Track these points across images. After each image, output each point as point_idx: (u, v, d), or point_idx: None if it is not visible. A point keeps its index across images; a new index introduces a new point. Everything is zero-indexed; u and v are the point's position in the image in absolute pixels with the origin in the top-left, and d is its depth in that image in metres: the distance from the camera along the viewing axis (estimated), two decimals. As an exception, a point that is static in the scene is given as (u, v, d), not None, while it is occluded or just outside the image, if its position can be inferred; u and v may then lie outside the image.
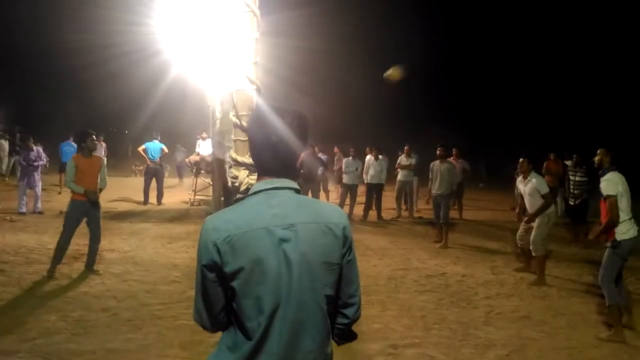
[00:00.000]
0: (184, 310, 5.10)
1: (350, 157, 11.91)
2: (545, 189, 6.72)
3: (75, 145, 13.58)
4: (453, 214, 12.08)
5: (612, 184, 4.86)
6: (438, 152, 9.39)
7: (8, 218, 9.84)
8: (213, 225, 1.53)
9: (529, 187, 6.79)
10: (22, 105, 26.70)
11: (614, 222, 4.79)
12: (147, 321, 4.84)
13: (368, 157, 12.07)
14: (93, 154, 6.64)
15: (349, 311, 1.69)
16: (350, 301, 1.67)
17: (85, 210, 6.42)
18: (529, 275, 6.96)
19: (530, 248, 6.85)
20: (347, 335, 1.76)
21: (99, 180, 6.52)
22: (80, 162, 6.37)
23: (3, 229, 8.96)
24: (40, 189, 10.90)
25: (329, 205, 1.70)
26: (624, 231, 4.78)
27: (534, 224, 6.80)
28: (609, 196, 4.85)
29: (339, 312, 1.68)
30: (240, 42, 2.97)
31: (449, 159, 9.76)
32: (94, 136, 6.55)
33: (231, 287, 1.51)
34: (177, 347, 4.32)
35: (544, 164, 12.05)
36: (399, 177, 12.29)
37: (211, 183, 12.29)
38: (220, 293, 1.55)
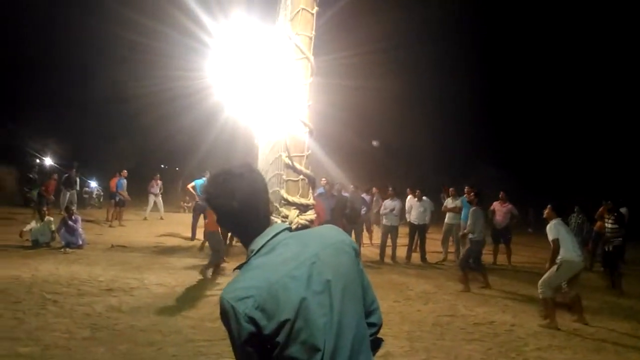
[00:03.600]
0: (228, 347, 5.07)
1: (389, 198, 11.81)
2: (551, 236, 6.89)
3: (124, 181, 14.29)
4: (501, 259, 11.79)
5: None
6: (469, 196, 9.37)
7: (62, 250, 10.23)
8: (234, 297, 1.46)
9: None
10: (82, 143, 28.22)
11: None
12: (192, 357, 4.89)
13: (409, 197, 11.99)
14: None
15: (374, 318, 1.70)
16: (372, 307, 1.69)
17: None
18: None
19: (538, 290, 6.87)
20: (376, 344, 1.74)
21: None
22: None
23: (57, 260, 9.33)
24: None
25: (325, 228, 1.72)
26: None
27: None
28: None
29: (368, 320, 1.68)
30: (293, 87, 3.08)
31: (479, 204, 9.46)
32: None
33: (275, 343, 1.45)
34: (220, 385, 4.33)
35: (599, 210, 11.67)
36: (446, 219, 12.11)
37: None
38: (266, 356, 1.49)
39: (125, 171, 16.25)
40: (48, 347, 4.94)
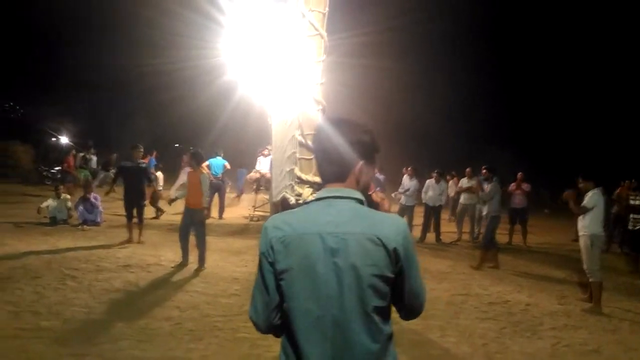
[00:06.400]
0: (243, 323, 5.18)
1: (407, 177, 11.74)
2: (591, 204, 6.49)
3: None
4: (517, 239, 11.74)
5: None
6: (483, 173, 9.25)
7: (80, 227, 10.38)
8: (273, 224, 1.64)
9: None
10: (97, 122, 28.48)
11: None
12: (208, 332, 4.96)
13: (430, 180, 11.92)
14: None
15: (404, 315, 1.75)
16: (410, 310, 1.74)
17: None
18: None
19: (587, 274, 6.65)
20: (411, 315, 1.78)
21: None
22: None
23: (75, 237, 9.47)
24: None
25: (389, 218, 1.65)
26: None
27: (581, 248, 6.58)
28: None
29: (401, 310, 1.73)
30: (307, 64, 3.05)
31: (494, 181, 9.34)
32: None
33: (281, 286, 1.58)
34: (236, 359, 4.39)
35: (617, 190, 11.55)
36: (460, 200, 12.07)
37: (269, 199, 12.50)
38: (276, 288, 1.61)
39: (155, 152, 16.39)
40: (68, 321, 5.04)
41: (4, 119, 28.65)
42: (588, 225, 6.53)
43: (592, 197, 6.52)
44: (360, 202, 1.65)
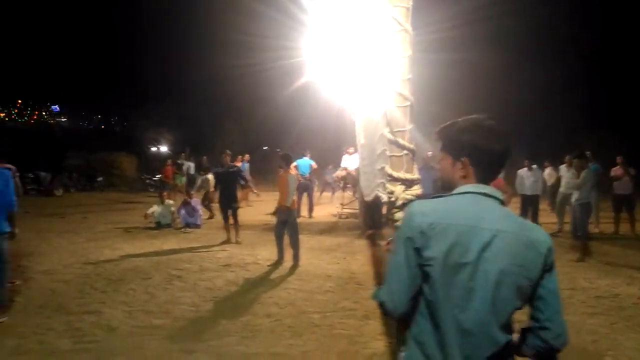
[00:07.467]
0: (339, 320, 5.28)
1: None
2: None
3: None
4: (623, 228, 10.94)
5: None
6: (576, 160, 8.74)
7: (183, 230, 11.05)
8: (420, 210, 1.63)
9: None
10: (190, 129, 30.05)
11: None
12: (306, 328, 5.10)
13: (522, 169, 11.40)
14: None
15: (545, 334, 1.65)
16: (546, 325, 1.64)
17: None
18: None
19: None
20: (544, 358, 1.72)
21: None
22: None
23: (178, 239, 10.09)
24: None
25: (533, 224, 1.70)
26: None
27: None
28: None
29: (537, 334, 1.66)
30: (392, 60, 3.04)
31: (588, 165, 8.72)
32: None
33: (426, 272, 1.58)
34: (335, 355, 4.48)
35: None
36: (560, 189, 11.40)
37: (356, 197, 12.55)
38: (418, 273, 1.60)
39: (248, 155, 17.02)
40: (177, 319, 5.40)
41: (110, 132, 31.11)
42: None
43: None
44: (502, 203, 1.67)
